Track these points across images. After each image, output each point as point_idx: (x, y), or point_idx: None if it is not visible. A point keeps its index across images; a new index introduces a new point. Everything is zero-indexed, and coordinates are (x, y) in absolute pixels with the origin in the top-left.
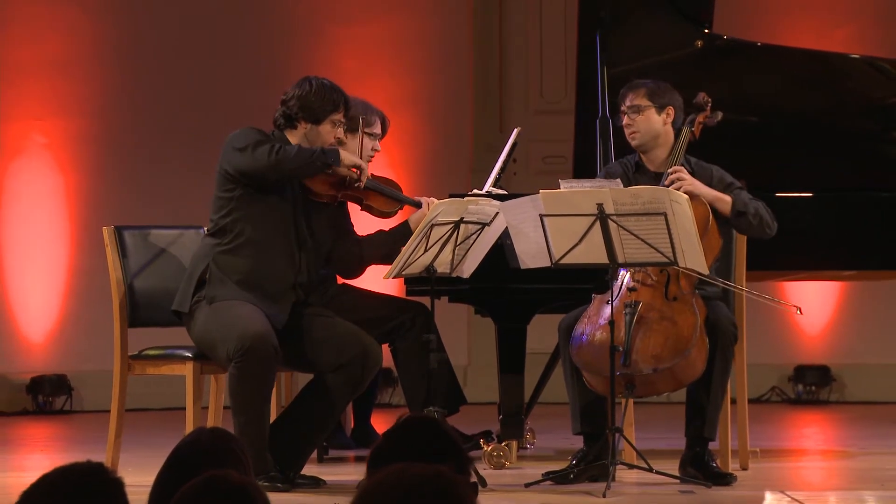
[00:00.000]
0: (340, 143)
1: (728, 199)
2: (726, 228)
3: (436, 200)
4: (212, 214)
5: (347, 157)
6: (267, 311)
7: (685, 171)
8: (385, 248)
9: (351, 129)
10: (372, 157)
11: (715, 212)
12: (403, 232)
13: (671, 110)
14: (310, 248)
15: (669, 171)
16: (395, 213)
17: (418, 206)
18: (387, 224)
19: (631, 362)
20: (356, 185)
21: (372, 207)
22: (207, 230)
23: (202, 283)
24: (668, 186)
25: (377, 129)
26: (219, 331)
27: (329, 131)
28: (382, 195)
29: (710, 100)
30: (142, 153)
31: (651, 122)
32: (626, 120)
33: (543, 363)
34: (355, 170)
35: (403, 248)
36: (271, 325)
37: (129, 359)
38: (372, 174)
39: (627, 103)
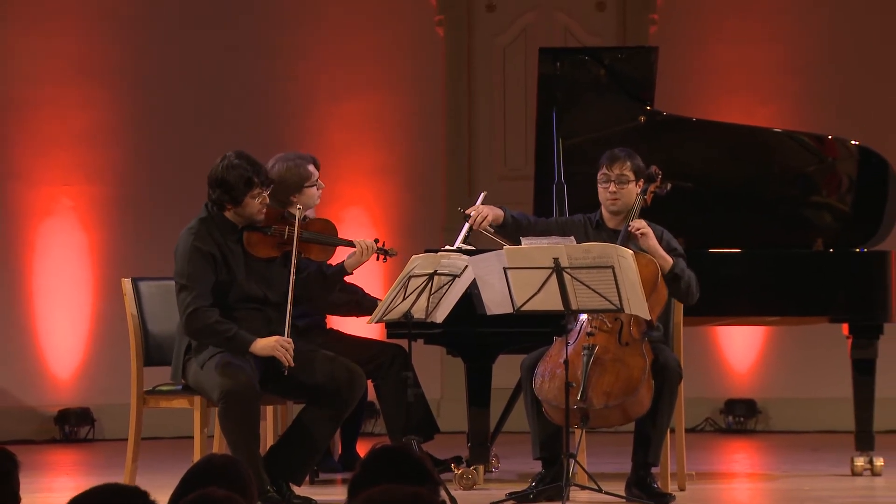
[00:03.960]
0: (291, 203)
1: (670, 260)
2: None
3: (368, 241)
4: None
5: (260, 349)
6: (249, 358)
7: (645, 224)
8: (328, 287)
9: (296, 189)
10: (319, 195)
11: None
12: (340, 274)
13: (642, 182)
14: (272, 300)
15: (632, 222)
16: (333, 255)
17: (351, 245)
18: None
19: (587, 398)
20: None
21: (310, 259)
22: None
23: (189, 347)
24: (630, 232)
25: (314, 177)
26: (206, 382)
27: (252, 204)
28: (318, 244)
29: (661, 172)
30: (156, 214)
31: (631, 194)
32: (612, 187)
33: (507, 397)
34: (276, 354)
35: (384, 297)
36: (252, 370)
37: (144, 394)
38: (308, 219)
39: (616, 171)
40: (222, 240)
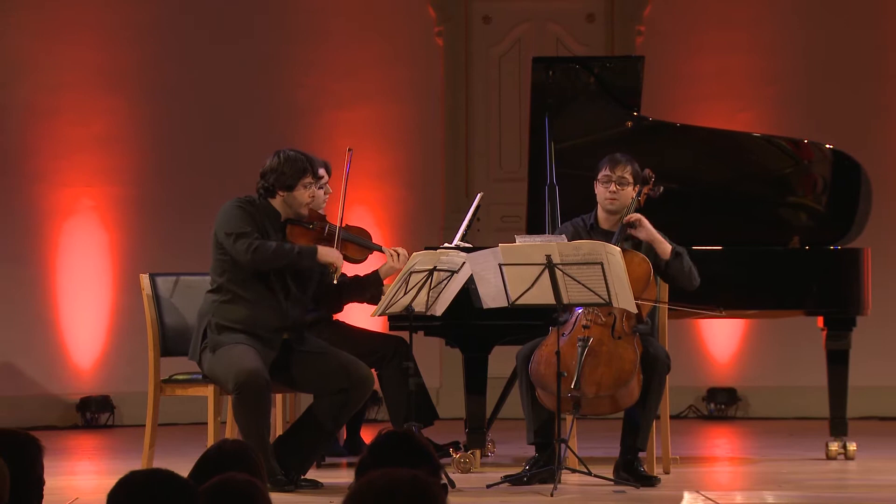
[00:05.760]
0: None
1: (668, 246)
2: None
3: (400, 249)
4: (212, 274)
5: (324, 255)
6: (259, 349)
7: (643, 217)
8: (361, 291)
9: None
10: (326, 198)
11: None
12: (375, 279)
13: (638, 186)
14: (294, 295)
15: (630, 214)
16: (366, 258)
17: (382, 251)
18: (361, 269)
19: (580, 387)
20: (332, 267)
21: (347, 256)
22: (209, 288)
23: (206, 333)
24: (628, 223)
25: (324, 180)
26: (221, 371)
27: (303, 194)
28: (355, 244)
29: (654, 175)
30: (172, 213)
31: (628, 195)
32: (612, 187)
33: (502, 386)
34: (332, 267)
35: (387, 292)
36: (263, 361)
37: (161, 382)
38: (347, 224)
39: (618, 173)
40: (265, 221)
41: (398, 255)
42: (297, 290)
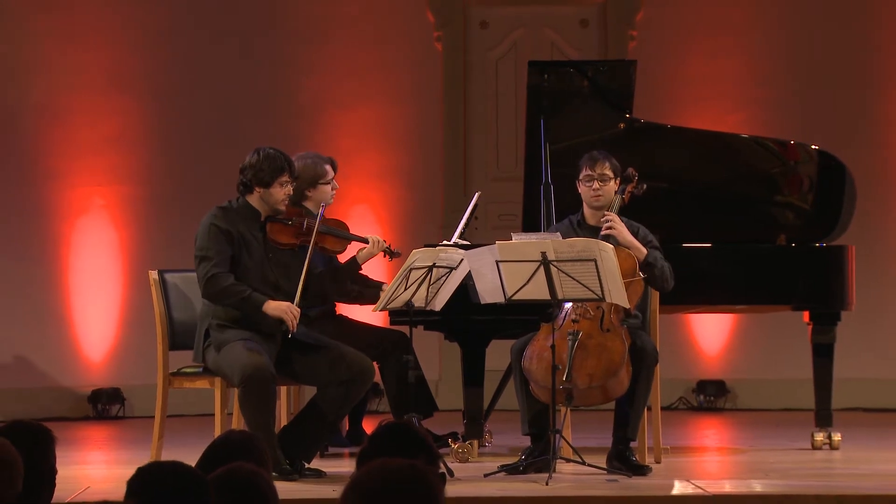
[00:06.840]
0: (305, 197)
1: (644, 250)
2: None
3: (378, 237)
4: None
5: (272, 309)
6: (262, 343)
7: (618, 218)
8: (340, 278)
9: (310, 184)
10: (333, 194)
11: None
12: (352, 265)
13: (619, 181)
14: (283, 288)
15: (606, 217)
16: (345, 249)
17: (366, 241)
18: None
19: (572, 379)
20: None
21: (325, 248)
22: None
23: (207, 333)
24: (605, 234)
25: (329, 176)
26: (227, 367)
27: (279, 191)
28: (333, 236)
29: (637, 174)
30: (179, 211)
31: (611, 190)
32: (595, 184)
33: (499, 378)
34: (285, 318)
35: (387, 287)
36: (266, 355)
37: (169, 375)
38: (325, 217)
39: (598, 171)
40: (243, 225)
41: (377, 241)
42: (284, 284)
